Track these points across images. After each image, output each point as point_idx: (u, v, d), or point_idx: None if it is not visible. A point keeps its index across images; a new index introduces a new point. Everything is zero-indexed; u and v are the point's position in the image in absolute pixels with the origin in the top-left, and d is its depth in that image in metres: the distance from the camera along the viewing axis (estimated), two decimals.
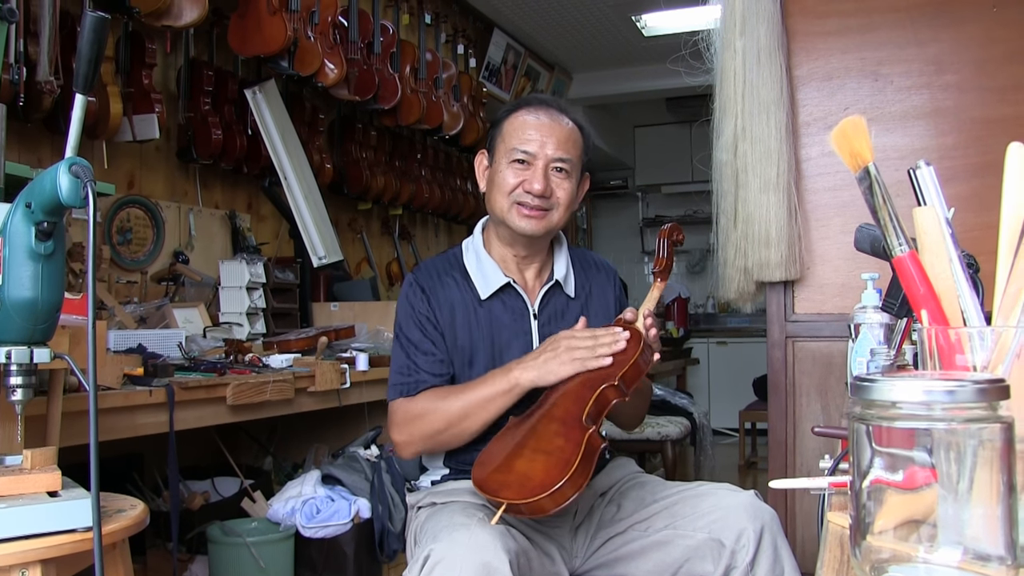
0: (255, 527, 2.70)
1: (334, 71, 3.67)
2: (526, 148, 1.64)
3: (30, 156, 2.78)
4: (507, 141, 1.67)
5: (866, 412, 0.66)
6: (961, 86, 2.49)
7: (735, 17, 2.53)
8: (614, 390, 1.48)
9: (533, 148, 1.64)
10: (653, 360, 1.58)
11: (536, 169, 1.64)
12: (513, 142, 1.65)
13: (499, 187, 1.66)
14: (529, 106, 1.69)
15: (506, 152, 1.66)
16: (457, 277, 1.70)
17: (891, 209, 0.84)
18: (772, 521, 1.49)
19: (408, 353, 1.66)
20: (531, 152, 1.64)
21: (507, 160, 1.65)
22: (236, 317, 3.23)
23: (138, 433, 2.15)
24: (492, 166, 1.70)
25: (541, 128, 1.65)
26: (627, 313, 1.62)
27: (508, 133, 1.68)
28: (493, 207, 1.69)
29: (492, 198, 1.68)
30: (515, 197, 1.64)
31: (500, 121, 1.71)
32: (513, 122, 1.68)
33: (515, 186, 1.64)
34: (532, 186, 1.63)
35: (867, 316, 1.59)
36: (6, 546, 1.15)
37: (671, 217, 8.37)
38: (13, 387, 1.26)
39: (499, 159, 1.68)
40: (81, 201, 1.17)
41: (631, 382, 1.51)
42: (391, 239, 5.02)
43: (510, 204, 1.65)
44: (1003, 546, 0.63)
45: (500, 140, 1.69)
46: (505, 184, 1.65)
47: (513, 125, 1.68)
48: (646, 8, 5.54)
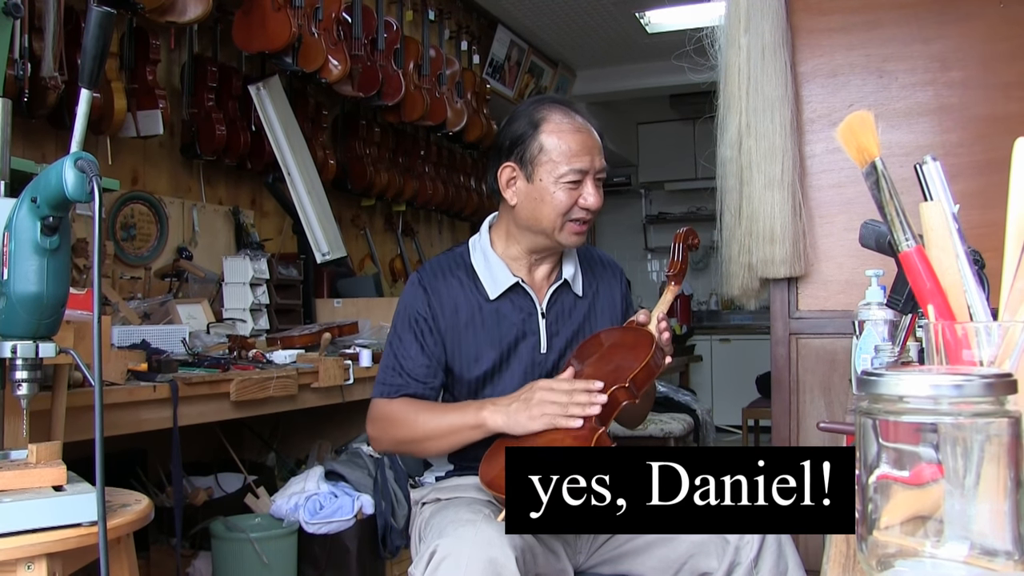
0: (258, 523, 2.70)
1: (338, 67, 3.66)
2: (580, 167, 1.59)
3: (34, 152, 2.78)
4: (555, 159, 1.60)
5: (873, 406, 0.66)
6: (966, 83, 2.48)
7: (739, 13, 2.52)
8: (624, 392, 1.48)
9: (586, 165, 1.60)
10: (664, 363, 1.56)
11: (588, 184, 1.61)
12: (563, 160, 1.59)
13: (551, 207, 1.60)
14: (556, 111, 1.63)
15: (555, 172, 1.59)
16: (463, 277, 1.69)
17: (898, 204, 0.83)
18: None
19: (396, 353, 1.66)
20: (584, 170, 1.60)
21: (559, 180, 1.59)
22: (239, 313, 3.23)
23: (142, 429, 2.15)
24: (533, 183, 1.62)
25: (583, 140, 1.61)
26: (640, 315, 1.62)
27: (553, 150, 1.60)
28: (540, 224, 1.63)
29: (537, 215, 1.62)
30: (570, 216, 1.61)
31: (530, 134, 1.63)
32: (553, 136, 1.61)
33: (570, 206, 1.60)
34: (589, 202, 1.60)
35: (871, 313, 1.58)
36: (12, 540, 1.15)
37: (674, 214, 8.37)
38: (19, 381, 1.26)
39: (544, 178, 1.61)
40: (87, 196, 1.17)
41: (642, 384, 1.51)
42: (394, 236, 5.02)
43: (564, 223, 1.62)
44: (1010, 541, 0.63)
45: (543, 157, 1.61)
46: (559, 204, 1.60)
47: (555, 140, 1.60)
48: (650, 5, 5.54)
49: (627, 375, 1.48)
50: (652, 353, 1.51)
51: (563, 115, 1.63)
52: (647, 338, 1.55)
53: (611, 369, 1.52)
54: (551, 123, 1.62)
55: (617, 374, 1.49)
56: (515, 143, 1.64)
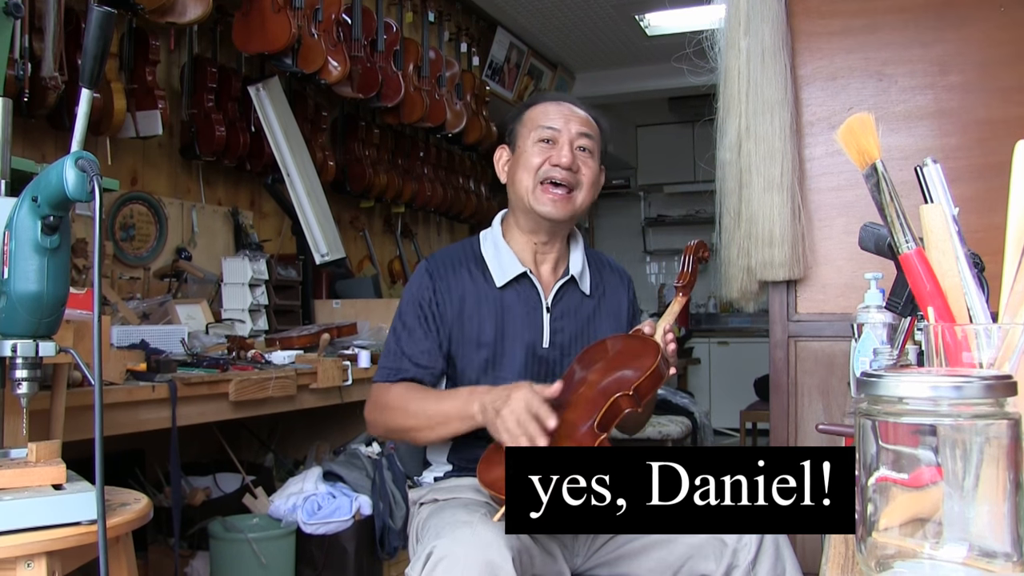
0: (256, 523, 2.70)
1: (337, 69, 3.67)
2: (551, 124, 1.66)
3: (34, 152, 2.78)
4: (529, 125, 1.69)
5: (872, 408, 0.66)
6: (966, 87, 2.49)
7: (739, 17, 2.53)
8: (628, 400, 1.47)
9: (558, 124, 1.66)
10: (668, 373, 1.56)
11: (562, 145, 1.65)
12: (538, 122, 1.67)
13: (524, 167, 1.66)
14: (547, 99, 1.73)
15: (530, 135, 1.67)
16: (472, 267, 1.69)
17: (898, 206, 0.84)
18: None
19: (399, 338, 1.67)
20: (556, 128, 1.65)
21: (532, 140, 1.67)
22: (238, 314, 3.23)
23: (140, 428, 2.15)
24: (515, 155, 1.71)
25: (563, 110, 1.68)
26: (645, 326, 1.61)
27: (530, 118, 1.70)
28: (517, 190, 1.68)
29: (516, 180, 1.68)
30: (542, 174, 1.64)
31: (519, 115, 1.74)
32: (534, 110, 1.71)
33: (541, 163, 1.65)
34: (560, 159, 1.63)
35: (870, 316, 1.59)
36: (12, 538, 1.15)
37: (673, 217, 8.38)
38: (19, 380, 1.26)
39: (523, 143, 1.69)
40: (87, 195, 1.17)
41: (645, 394, 1.50)
42: (393, 237, 5.02)
43: (534, 184, 1.65)
44: (1009, 543, 0.63)
45: (522, 127, 1.71)
46: (530, 163, 1.65)
47: (535, 111, 1.70)
48: (649, 7, 5.54)
49: (631, 384, 1.47)
50: (657, 363, 1.50)
51: (553, 99, 1.73)
52: (652, 347, 1.55)
53: (615, 377, 1.51)
54: (538, 103, 1.72)
55: (621, 382, 1.49)
56: (508, 128, 1.75)
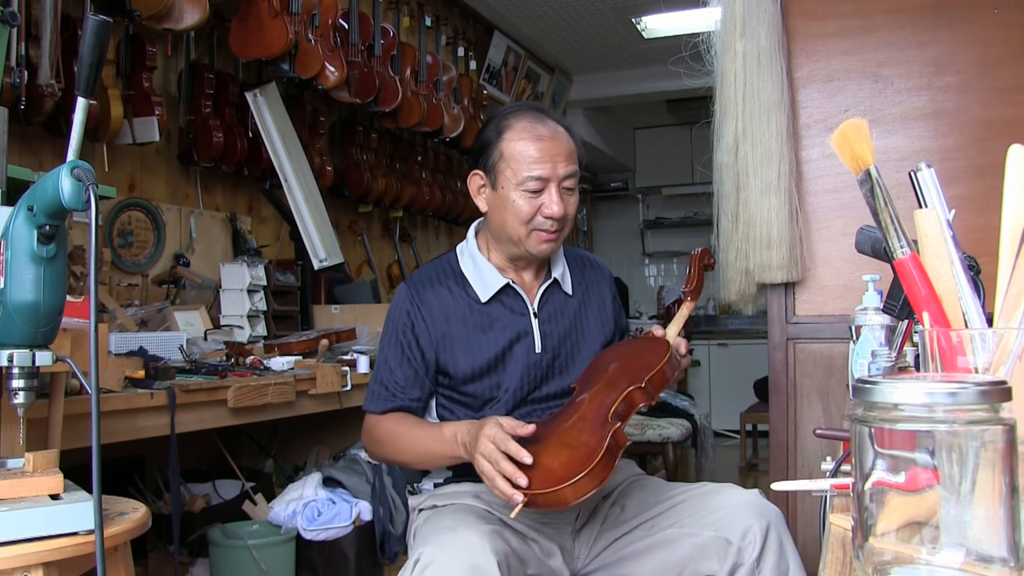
0: (256, 530, 2.70)
1: (335, 74, 3.67)
2: (538, 174, 1.57)
3: (31, 159, 2.78)
4: (513, 166, 1.58)
5: (868, 414, 0.66)
6: (962, 87, 2.49)
7: (735, 19, 2.53)
8: (641, 392, 1.49)
9: (546, 172, 1.57)
10: (681, 366, 1.61)
11: (551, 192, 1.58)
12: (521, 168, 1.57)
13: (513, 215, 1.59)
14: (522, 118, 1.61)
15: (515, 179, 1.58)
16: (452, 285, 1.69)
17: (892, 211, 0.84)
18: (778, 519, 1.49)
19: (381, 366, 1.69)
20: (544, 177, 1.57)
21: (519, 188, 1.58)
22: (237, 320, 3.23)
23: (139, 436, 2.15)
24: (496, 191, 1.62)
25: (545, 147, 1.58)
26: (655, 330, 1.64)
27: (511, 157, 1.59)
28: (506, 232, 1.63)
29: (503, 223, 1.62)
30: (534, 225, 1.59)
31: (494, 140, 1.62)
32: (513, 143, 1.59)
33: (532, 215, 1.58)
34: (551, 210, 1.57)
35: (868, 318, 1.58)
36: (8, 549, 1.15)
37: (671, 219, 8.38)
38: (15, 390, 1.26)
39: (505, 185, 1.60)
40: (83, 204, 1.17)
41: (658, 387, 1.52)
42: (392, 241, 5.02)
43: (528, 232, 1.60)
44: (1006, 548, 0.63)
45: (503, 164, 1.60)
46: (521, 213, 1.59)
47: (514, 147, 1.59)
48: (646, 10, 5.54)
49: (644, 375, 1.50)
50: (669, 356, 1.54)
51: (529, 121, 1.60)
52: (662, 343, 1.58)
53: (627, 371, 1.53)
54: (513, 130, 1.60)
55: (634, 375, 1.51)
56: (482, 150, 1.65)
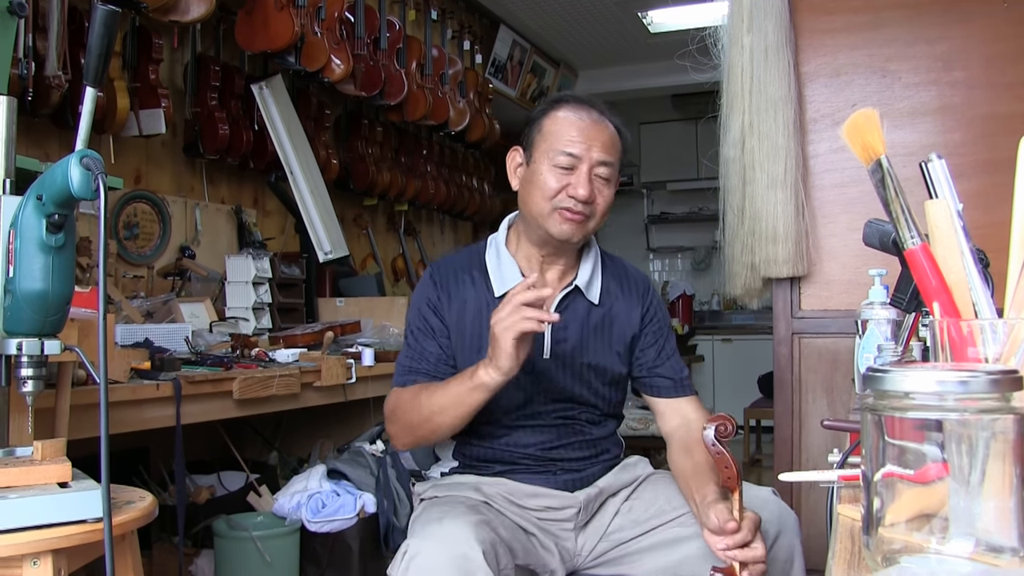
0: (261, 521, 2.70)
1: (340, 67, 3.67)
2: (571, 150, 1.53)
3: (38, 151, 2.78)
4: (549, 140, 1.56)
5: (878, 403, 0.66)
6: (969, 83, 2.48)
7: (743, 13, 2.52)
8: None
9: (579, 150, 1.53)
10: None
11: (580, 173, 1.53)
12: (557, 143, 1.54)
13: (540, 190, 1.55)
14: (572, 103, 1.59)
15: (548, 152, 1.55)
16: (475, 275, 1.66)
17: (903, 202, 0.84)
18: (792, 525, 1.50)
19: (410, 344, 1.66)
20: (576, 155, 1.53)
21: (549, 162, 1.54)
22: (242, 312, 3.23)
23: (145, 427, 2.15)
24: (530, 165, 1.59)
25: (586, 129, 1.55)
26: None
27: (550, 132, 1.57)
28: (530, 209, 1.59)
29: (529, 199, 1.59)
30: (557, 203, 1.55)
31: (539, 118, 1.60)
32: (555, 120, 1.57)
33: (557, 191, 1.54)
34: (577, 191, 1.53)
35: (874, 312, 1.58)
36: (17, 536, 1.15)
37: (677, 214, 8.36)
38: (24, 379, 1.26)
39: (539, 159, 1.57)
40: (92, 193, 1.17)
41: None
42: (397, 235, 5.02)
43: (551, 209, 1.55)
44: (1016, 538, 0.63)
45: (540, 138, 1.58)
46: (547, 188, 1.54)
47: (556, 123, 1.57)
48: (652, 5, 5.54)
49: None
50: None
51: (576, 105, 1.59)
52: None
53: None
54: (560, 110, 1.58)
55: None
56: (527, 128, 1.63)
